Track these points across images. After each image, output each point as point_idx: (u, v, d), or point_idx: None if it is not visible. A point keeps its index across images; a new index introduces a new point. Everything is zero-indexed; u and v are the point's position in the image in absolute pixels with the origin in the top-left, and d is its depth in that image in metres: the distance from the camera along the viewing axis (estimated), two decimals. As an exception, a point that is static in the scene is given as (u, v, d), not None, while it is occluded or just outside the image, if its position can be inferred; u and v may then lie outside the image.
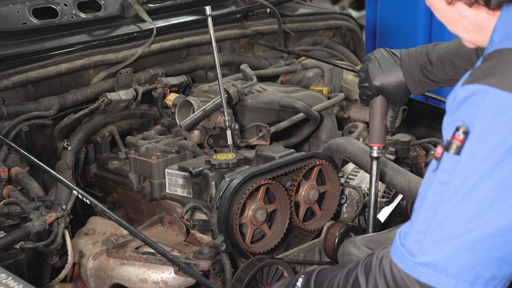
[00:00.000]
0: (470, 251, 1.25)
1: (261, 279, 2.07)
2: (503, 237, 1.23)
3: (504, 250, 1.24)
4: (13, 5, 2.60)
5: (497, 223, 1.23)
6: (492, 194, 1.22)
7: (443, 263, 1.26)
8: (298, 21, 3.42)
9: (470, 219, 1.24)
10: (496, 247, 1.24)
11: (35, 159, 2.16)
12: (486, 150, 1.22)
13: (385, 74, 2.00)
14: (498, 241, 1.24)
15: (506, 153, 1.21)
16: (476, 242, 1.24)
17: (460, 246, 1.25)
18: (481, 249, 1.24)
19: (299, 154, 2.28)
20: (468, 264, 1.25)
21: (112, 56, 2.77)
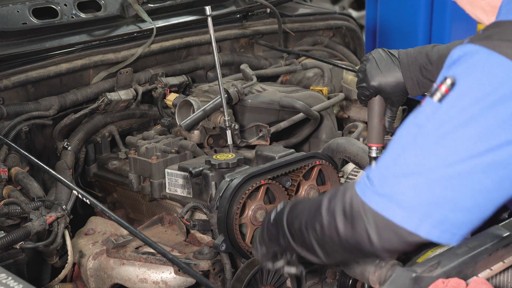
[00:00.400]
0: (426, 188, 1.31)
1: (261, 279, 2.08)
2: (460, 180, 1.30)
3: (460, 195, 1.31)
4: (13, 5, 2.60)
5: (457, 168, 1.29)
6: (461, 144, 1.29)
7: (398, 195, 1.33)
8: (298, 21, 3.42)
9: (434, 161, 1.31)
10: (452, 189, 1.30)
11: (35, 159, 2.16)
12: (466, 103, 1.29)
13: (383, 74, 2.01)
14: (454, 184, 1.30)
15: (484, 109, 1.27)
16: (434, 181, 1.31)
17: (418, 183, 1.32)
18: (436, 188, 1.31)
19: (299, 154, 2.28)
20: (421, 200, 1.32)
21: (112, 56, 2.77)
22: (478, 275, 1.65)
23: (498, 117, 1.28)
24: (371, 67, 2.02)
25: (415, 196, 1.33)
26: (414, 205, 1.33)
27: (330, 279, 2.28)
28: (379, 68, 2.01)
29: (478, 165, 1.29)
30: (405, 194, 1.33)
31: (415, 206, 1.33)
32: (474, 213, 1.35)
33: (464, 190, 1.31)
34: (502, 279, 1.76)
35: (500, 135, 1.28)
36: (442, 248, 1.84)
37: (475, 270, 1.65)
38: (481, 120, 1.28)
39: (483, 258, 1.66)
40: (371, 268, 1.64)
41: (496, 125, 1.28)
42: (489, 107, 1.27)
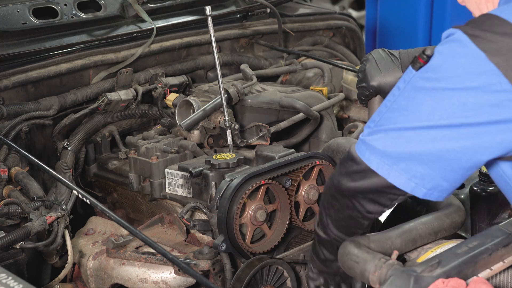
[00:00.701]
0: (393, 139, 1.52)
1: (261, 279, 2.07)
2: (421, 139, 1.48)
3: (417, 148, 1.49)
4: (13, 5, 2.60)
5: (418, 129, 1.48)
6: (421, 110, 1.47)
7: (373, 143, 1.55)
8: (298, 21, 3.41)
9: (403, 119, 1.51)
10: (415, 144, 1.49)
11: (35, 159, 2.16)
12: (433, 77, 1.46)
13: (383, 74, 2.02)
14: (416, 140, 1.48)
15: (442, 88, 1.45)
16: (399, 133, 1.51)
17: (388, 133, 1.53)
18: (400, 140, 1.50)
19: (299, 154, 2.28)
20: (388, 149, 1.52)
21: (112, 56, 2.76)
22: (478, 275, 1.65)
23: (450, 100, 1.44)
24: (371, 67, 2.03)
25: (387, 147, 1.53)
26: (386, 154, 1.53)
27: (330, 279, 2.28)
28: (379, 68, 2.02)
29: (433, 132, 1.47)
30: (379, 143, 1.54)
31: (387, 155, 1.53)
32: (434, 169, 1.51)
33: (422, 145, 1.48)
34: (502, 279, 1.76)
35: (454, 117, 1.44)
36: (442, 248, 1.84)
37: (475, 270, 1.65)
38: (438, 96, 1.46)
39: (483, 258, 1.66)
40: (371, 268, 1.64)
41: (448, 106, 1.44)
42: (444, 89, 1.44)
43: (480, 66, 1.40)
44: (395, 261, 1.63)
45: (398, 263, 1.62)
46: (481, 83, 1.41)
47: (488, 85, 1.40)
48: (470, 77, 1.41)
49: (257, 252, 2.13)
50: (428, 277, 1.53)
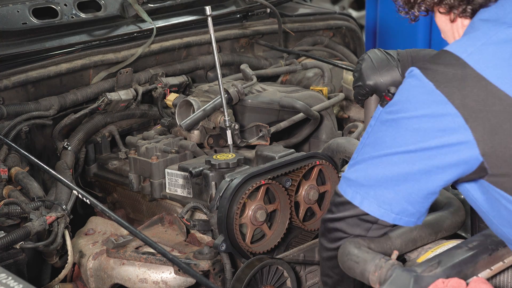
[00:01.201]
0: (362, 169, 1.64)
1: (261, 279, 2.07)
2: (385, 167, 1.59)
3: (382, 174, 1.60)
4: (13, 5, 2.60)
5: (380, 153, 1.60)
6: (385, 137, 1.60)
7: (349, 175, 1.67)
8: (298, 21, 3.41)
9: (371, 149, 1.63)
10: (378, 169, 1.60)
11: (35, 159, 2.16)
12: (393, 108, 1.59)
13: (379, 73, 2.04)
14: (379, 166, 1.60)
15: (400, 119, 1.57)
16: (367, 163, 1.63)
17: (359, 165, 1.65)
18: (367, 169, 1.63)
19: (299, 154, 2.28)
20: (359, 179, 1.64)
21: (112, 56, 2.76)
22: (478, 275, 1.65)
23: (406, 128, 1.56)
24: (366, 66, 2.06)
25: (358, 177, 1.64)
26: (359, 184, 1.64)
27: (330, 279, 2.28)
28: (375, 67, 2.05)
29: (394, 158, 1.58)
30: (353, 176, 1.66)
31: (359, 184, 1.64)
32: (399, 193, 1.60)
33: (387, 172, 1.59)
34: (502, 279, 1.76)
35: (410, 143, 1.55)
36: (442, 248, 1.84)
37: (475, 270, 1.65)
38: (397, 125, 1.58)
39: (483, 258, 1.66)
40: (371, 268, 1.64)
41: (405, 133, 1.56)
42: (402, 118, 1.56)
43: (430, 95, 1.52)
44: (395, 261, 1.63)
45: (398, 263, 1.62)
46: (431, 110, 1.52)
47: (437, 111, 1.52)
48: (421, 105, 1.54)
49: (257, 252, 2.13)
50: (428, 277, 1.53)
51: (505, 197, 1.54)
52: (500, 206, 1.56)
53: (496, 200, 1.57)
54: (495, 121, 1.48)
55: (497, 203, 1.57)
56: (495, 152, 1.49)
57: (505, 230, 1.60)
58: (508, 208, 1.55)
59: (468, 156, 1.51)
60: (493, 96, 1.48)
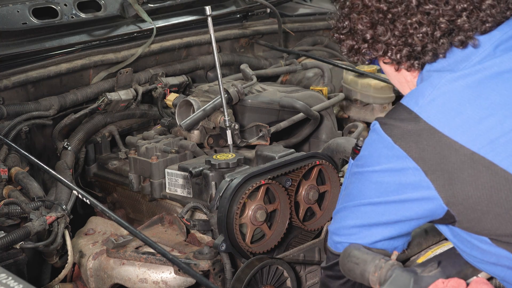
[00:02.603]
0: (335, 219, 1.71)
1: (261, 279, 2.07)
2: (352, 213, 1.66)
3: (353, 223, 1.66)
4: (13, 5, 2.60)
5: (348, 204, 1.67)
6: (352, 189, 1.66)
7: (330, 228, 1.74)
8: (298, 21, 3.42)
9: (342, 201, 1.70)
10: (355, 219, 1.66)
11: (35, 159, 2.16)
12: (359, 162, 1.65)
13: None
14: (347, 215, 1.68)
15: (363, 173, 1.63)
16: (337, 213, 1.71)
17: (336, 216, 1.72)
18: (338, 218, 1.70)
19: (299, 154, 2.28)
20: (332, 227, 1.72)
21: (112, 56, 2.77)
22: (478, 275, 1.65)
23: (370, 181, 1.61)
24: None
25: (331, 226, 1.73)
26: (332, 232, 1.72)
27: (330, 279, 2.28)
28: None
29: (362, 208, 1.64)
30: (330, 227, 1.73)
31: (332, 233, 1.72)
32: (382, 236, 1.64)
33: (357, 222, 1.65)
34: (502, 279, 1.76)
35: (374, 195, 1.60)
36: (442, 248, 1.84)
37: (475, 270, 1.65)
38: (362, 178, 1.63)
39: (483, 258, 1.66)
40: (371, 268, 1.64)
41: (368, 186, 1.61)
42: (366, 171, 1.61)
43: (389, 150, 1.55)
44: (395, 261, 1.63)
45: (398, 263, 1.62)
46: (392, 164, 1.56)
47: (397, 166, 1.55)
48: (382, 160, 1.57)
49: (257, 252, 2.13)
50: (428, 277, 1.53)
51: (476, 238, 1.55)
52: (472, 246, 1.58)
53: (468, 242, 1.58)
54: (453, 171, 1.49)
55: (469, 244, 1.58)
56: (457, 200, 1.50)
57: (481, 266, 1.62)
58: (480, 248, 1.56)
59: (432, 207, 1.54)
60: (448, 148, 1.50)
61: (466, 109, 1.51)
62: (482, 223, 1.51)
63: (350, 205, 1.67)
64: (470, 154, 1.48)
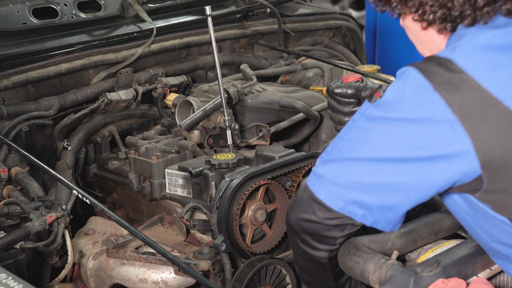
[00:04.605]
0: (341, 169, 1.53)
1: (260, 279, 2.07)
2: (367, 167, 1.50)
3: (365, 179, 1.51)
4: (13, 5, 2.60)
5: (366, 156, 1.50)
6: (372, 142, 1.49)
7: (323, 173, 1.57)
8: (298, 21, 3.41)
9: (353, 150, 1.52)
10: (360, 173, 1.51)
11: (35, 159, 2.16)
12: (385, 106, 1.49)
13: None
14: (363, 168, 1.50)
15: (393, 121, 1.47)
16: (348, 163, 1.53)
17: (337, 164, 1.54)
18: (349, 170, 1.52)
19: (299, 154, 2.28)
20: (337, 180, 1.54)
21: (112, 56, 2.76)
22: (478, 275, 1.65)
23: (399, 131, 1.46)
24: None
25: (334, 177, 1.55)
26: (332, 185, 1.55)
27: (330, 279, 2.28)
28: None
29: (381, 164, 1.49)
30: (328, 175, 1.56)
31: (332, 186, 1.55)
32: (380, 201, 1.52)
33: (370, 176, 1.50)
34: (502, 279, 1.76)
35: (401, 149, 1.47)
36: (442, 248, 1.84)
37: (475, 270, 1.65)
38: (388, 126, 1.48)
39: (483, 258, 1.66)
40: (371, 268, 1.64)
41: (396, 137, 1.47)
42: (393, 119, 1.47)
43: (427, 97, 1.44)
44: (395, 261, 1.63)
45: (398, 263, 1.62)
46: (427, 113, 1.44)
47: (434, 116, 1.43)
48: (417, 107, 1.45)
49: (257, 252, 2.13)
50: (428, 277, 1.54)
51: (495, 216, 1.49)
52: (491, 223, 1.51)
53: (487, 217, 1.51)
54: (491, 128, 1.42)
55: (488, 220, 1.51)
56: (492, 160, 1.42)
57: (496, 247, 1.56)
58: (500, 227, 1.50)
59: (465, 167, 1.44)
60: (487, 102, 1.42)
61: (507, 66, 1.44)
62: (510, 194, 1.44)
63: (364, 158, 1.50)
64: (508, 112, 1.41)
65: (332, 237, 1.65)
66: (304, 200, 1.61)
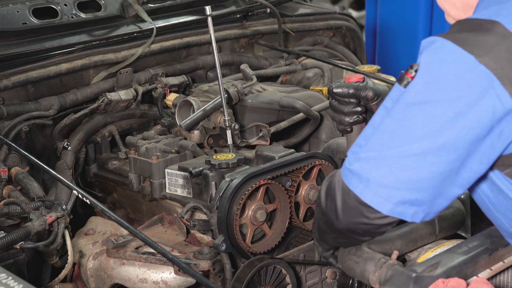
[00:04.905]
0: (388, 170, 1.40)
1: (260, 279, 2.07)
2: (415, 162, 1.37)
3: (415, 176, 1.38)
4: (13, 5, 2.60)
5: (412, 149, 1.37)
6: (416, 127, 1.36)
7: (366, 174, 1.43)
8: (298, 21, 3.41)
9: (395, 142, 1.39)
10: (408, 169, 1.38)
11: (35, 159, 2.16)
12: (422, 88, 1.36)
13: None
14: (410, 164, 1.37)
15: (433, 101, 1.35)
16: (395, 163, 1.39)
17: (382, 162, 1.40)
18: (396, 168, 1.39)
19: (299, 154, 2.28)
20: (384, 180, 1.40)
21: (112, 56, 2.76)
22: (478, 275, 1.65)
23: (445, 112, 1.34)
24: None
25: (377, 176, 1.41)
26: (378, 186, 1.41)
27: (330, 279, 2.28)
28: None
29: (430, 148, 1.36)
30: (371, 174, 1.42)
31: (378, 186, 1.41)
32: (432, 193, 1.41)
33: (420, 172, 1.38)
34: (502, 279, 1.76)
35: (451, 130, 1.35)
36: (442, 248, 1.85)
37: (475, 270, 1.65)
38: (432, 110, 1.35)
39: (483, 258, 1.66)
40: (371, 268, 1.64)
41: (442, 118, 1.35)
42: (437, 101, 1.35)
43: (471, 71, 1.32)
44: (395, 261, 1.63)
45: (398, 263, 1.62)
46: (474, 89, 1.32)
47: (481, 90, 1.32)
48: (462, 83, 1.33)
49: (257, 252, 2.13)
50: (428, 277, 1.53)
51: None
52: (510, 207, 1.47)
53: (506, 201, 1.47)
54: None
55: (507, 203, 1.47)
56: None
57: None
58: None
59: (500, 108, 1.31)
60: None
61: None
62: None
63: (412, 152, 1.36)
64: None
65: (383, 232, 1.57)
66: (350, 204, 1.48)
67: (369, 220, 1.48)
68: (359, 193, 1.44)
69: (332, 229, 1.62)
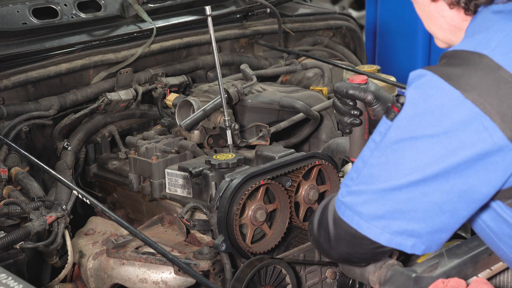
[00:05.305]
0: (379, 200, 1.40)
1: (260, 279, 2.07)
2: (407, 194, 1.37)
3: (409, 207, 1.38)
4: (13, 5, 2.60)
5: (403, 182, 1.37)
6: (404, 162, 1.36)
7: (358, 207, 1.43)
8: (298, 21, 3.41)
9: (382, 174, 1.40)
10: (401, 201, 1.38)
11: (35, 159, 2.16)
12: (408, 123, 1.35)
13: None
14: (403, 196, 1.37)
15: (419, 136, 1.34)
16: (385, 193, 1.39)
17: (373, 195, 1.41)
18: (388, 201, 1.39)
19: (299, 154, 2.28)
20: (377, 212, 1.41)
21: (112, 56, 2.76)
22: (478, 275, 1.65)
23: (432, 147, 1.33)
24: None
25: (371, 208, 1.42)
26: (372, 217, 1.42)
27: (330, 279, 2.28)
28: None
29: (421, 179, 1.36)
30: (364, 207, 1.43)
31: (373, 218, 1.42)
32: (430, 225, 1.41)
33: (413, 202, 1.38)
34: (502, 279, 1.76)
35: (439, 162, 1.34)
36: (442, 248, 1.84)
37: (475, 270, 1.65)
38: (418, 145, 1.35)
39: (483, 258, 1.66)
40: (371, 268, 1.64)
41: (431, 153, 1.34)
42: (423, 136, 1.34)
43: (457, 106, 1.30)
44: (395, 261, 1.63)
45: (398, 263, 1.62)
46: (460, 124, 1.31)
47: (468, 125, 1.30)
48: (448, 119, 1.31)
49: (257, 252, 2.13)
50: (428, 277, 1.53)
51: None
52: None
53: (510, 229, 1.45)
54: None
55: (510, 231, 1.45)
56: None
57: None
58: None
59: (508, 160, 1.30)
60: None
61: None
62: None
63: (401, 184, 1.35)
64: None
65: (380, 259, 1.58)
66: (342, 236, 1.49)
67: (367, 250, 1.49)
68: (355, 225, 1.45)
69: (327, 255, 1.64)
